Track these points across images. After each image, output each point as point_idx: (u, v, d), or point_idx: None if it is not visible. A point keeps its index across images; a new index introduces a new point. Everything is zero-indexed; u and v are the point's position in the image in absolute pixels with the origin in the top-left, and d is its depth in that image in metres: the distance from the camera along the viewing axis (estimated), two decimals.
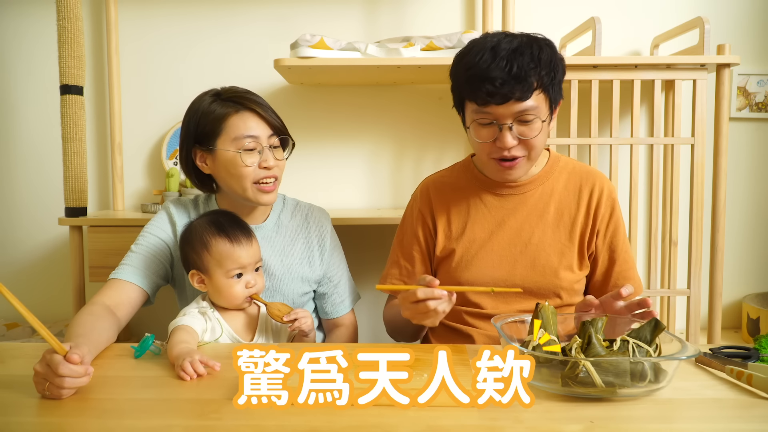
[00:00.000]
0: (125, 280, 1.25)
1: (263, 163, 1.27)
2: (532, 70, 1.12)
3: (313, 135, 2.17)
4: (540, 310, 1.03)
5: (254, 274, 1.22)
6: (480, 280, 1.27)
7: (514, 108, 1.14)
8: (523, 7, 2.09)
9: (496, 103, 1.13)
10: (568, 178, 1.31)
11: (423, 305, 1.07)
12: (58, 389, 0.88)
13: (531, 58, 1.13)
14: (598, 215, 1.27)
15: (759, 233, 2.20)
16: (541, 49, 1.15)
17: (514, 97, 1.12)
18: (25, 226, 2.24)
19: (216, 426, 0.80)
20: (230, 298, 1.19)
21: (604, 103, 1.95)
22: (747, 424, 0.81)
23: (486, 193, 1.31)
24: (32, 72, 2.19)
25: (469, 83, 1.16)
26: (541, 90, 1.16)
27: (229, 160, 1.26)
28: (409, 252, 1.36)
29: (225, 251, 1.18)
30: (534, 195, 1.29)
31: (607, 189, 1.29)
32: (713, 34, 1.98)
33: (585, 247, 1.28)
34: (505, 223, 1.28)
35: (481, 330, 1.28)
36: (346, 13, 2.14)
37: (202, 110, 1.29)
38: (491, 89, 1.12)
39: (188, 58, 2.17)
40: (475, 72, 1.14)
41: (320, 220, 1.44)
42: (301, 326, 1.20)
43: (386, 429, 0.79)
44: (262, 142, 1.27)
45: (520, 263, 1.26)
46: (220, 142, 1.27)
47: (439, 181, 1.38)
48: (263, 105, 1.30)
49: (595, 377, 0.86)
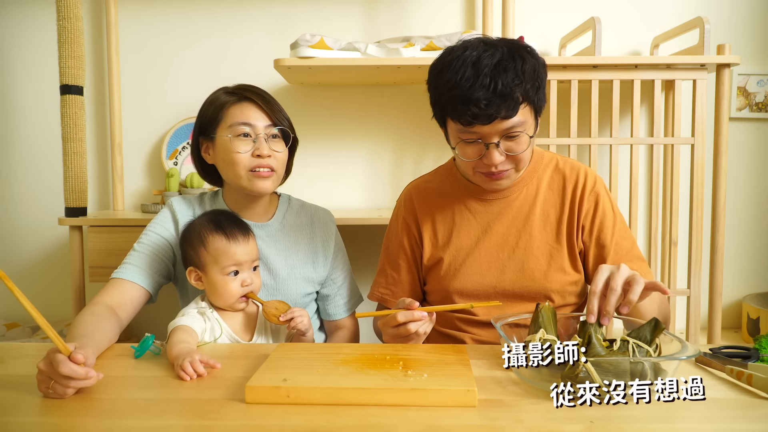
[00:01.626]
0: (127, 279, 1.25)
1: (256, 151, 1.28)
2: (517, 86, 1.08)
3: (313, 135, 2.17)
4: (540, 311, 1.03)
5: (251, 272, 1.22)
6: (469, 288, 1.26)
7: (501, 126, 1.10)
8: (523, 7, 2.09)
9: (482, 123, 1.09)
10: (551, 176, 1.28)
11: (404, 329, 1.07)
12: (61, 389, 0.88)
13: (515, 74, 1.08)
14: (581, 211, 1.24)
15: (759, 233, 2.20)
16: (525, 61, 1.10)
17: (500, 116, 1.08)
18: (25, 226, 2.24)
19: (216, 426, 0.80)
20: (225, 295, 1.19)
21: (604, 103, 1.96)
22: (747, 424, 0.81)
23: (470, 199, 1.29)
24: (32, 72, 2.19)
25: (452, 104, 1.11)
26: (527, 103, 1.11)
27: (224, 146, 1.28)
28: (395, 261, 1.35)
29: (221, 248, 1.19)
30: (519, 198, 1.27)
31: (589, 183, 1.25)
32: (713, 34, 1.98)
33: (575, 246, 1.24)
34: (492, 228, 1.26)
35: (474, 335, 1.27)
36: (346, 13, 2.14)
37: (208, 101, 1.33)
38: (476, 111, 1.07)
39: (188, 58, 2.17)
40: (457, 93, 1.09)
41: (325, 221, 1.44)
42: (297, 325, 1.20)
43: (386, 429, 0.78)
44: (257, 131, 1.28)
45: (508, 268, 1.24)
46: (219, 129, 1.29)
47: (422, 187, 1.35)
48: (266, 98, 1.31)
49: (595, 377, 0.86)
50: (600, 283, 0.97)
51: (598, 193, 1.25)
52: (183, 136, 2.15)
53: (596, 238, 1.24)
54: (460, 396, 0.85)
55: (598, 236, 1.24)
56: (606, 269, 0.98)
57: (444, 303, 1.29)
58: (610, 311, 0.96)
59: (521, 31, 2.06)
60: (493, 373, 0.98)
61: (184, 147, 2.16)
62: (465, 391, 0.85)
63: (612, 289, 0.95)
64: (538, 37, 2.11)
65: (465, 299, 1.26)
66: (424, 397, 0.85)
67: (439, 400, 0.85)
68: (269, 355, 1.00)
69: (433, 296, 1.33)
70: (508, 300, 1.25)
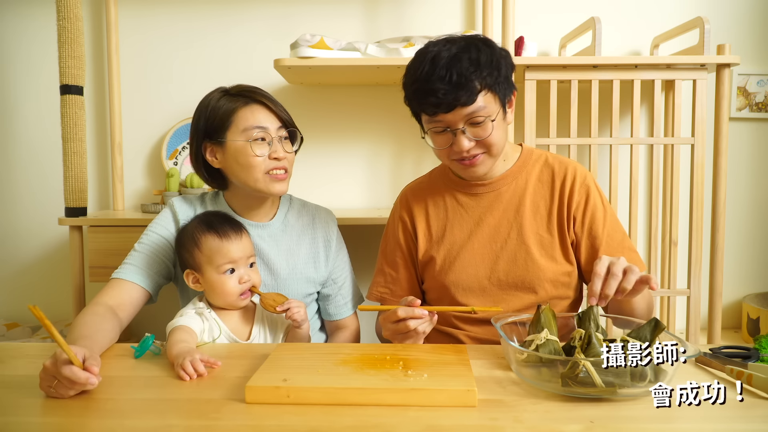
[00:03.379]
0: (128, 280, 1.25)
1: (273, 154, 1.28)
2: (473, 73, 1.14)
3: (313, 135, 2.17)
4: (541, 312, 1.03)
5: (247, 269, 1.23)
6: (464, 281, 1.28)
7: (463, 113, 1.16)
8: (523, 7, 2.09)
9: (444, 111, 1.16)
10: (541, 170, 1.31)
11: (403, 325, 1.09)
12: (64, 389, 0.89)
13: (470, 62, 1.14)
14: (572, 203, 1.27)
15: (759, 233, 2.20)
16: (480, 51, 1.16)
17: (459, 103, 1.14)
18: (25, 226, 2.24)
19: (216, 426, 0.80)
20: (224, 294, 1.20)
21: (604, 103, 1.96)
22: (747, 424, 0.81)
23: (461, 194, 1.33)
24: (32, 72, 2.19)
25: (416, 97, 1.18)
26: (488, 90, 1.17)
27: (239, 150, 1.27)
28: (392, 259, 1.37)
29: (214, 246, 1.19)
30: (508, 191, 1.30)
31: (580, 176, 1.28)
32: (713, 34, 1.98)
33: (566, 237, 1.27)
34: (483, 221, 1.30)
35: (470, 333, 1.29)
36: (346, 13, 2.14)
37: (211, 106, 1.31)
38: (435, 100, 1.15)
39: (188, 58, 2.17)
40: (418, 86, 1.17)
41: (327, 221, 1.44)
42: (293, 315, 1.20)
43: (386, 429, 0.79)
44: (271, 133, 1.28)
45: (501, 259, 1.27)
46: (230, 133, 1.28)
47: (417, 187, 1.40)
48: (272, 99, 1.32)
49: (595, 377, 0.86)
50: (603, 268, 1.01)
51: (588, 187, 1.28)
52: (183, 136, 2.15)
53: (588, 229, 1.27)
54: (460, 396, 0.85)
55: (590, 228, 1.27)
56: (607, 258, 1.03)
57: (441, 298, 1.31)
58: (609, 294, 0.99)
59: (521, 31, 2.06)
60: (493, 373, 0.99)
61: (184, 147, 2.15)
62: (465, 391, 0.85)
63: (613, 274, 0.99)
64: (538, 37, 2.11)
65: (461, 292, 1.28)
66: (424, 397, 0.85)
67: (439, 400, 0.85)
68: (269, 355, 1.00)
69: (431, 293, 1.35)
70: (503, 290, 1.27)
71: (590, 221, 1.26)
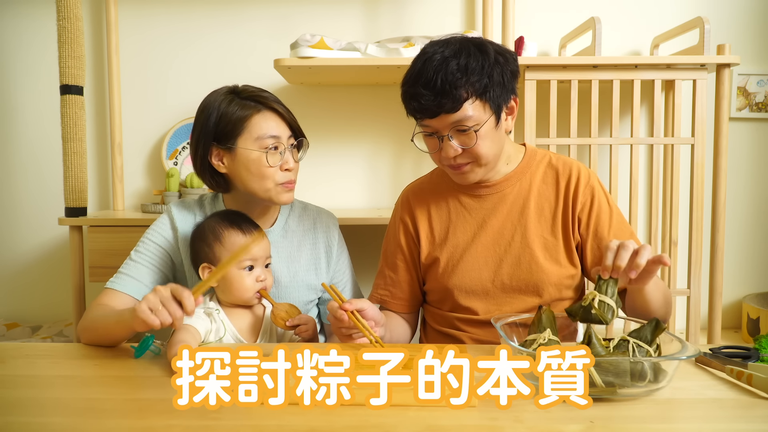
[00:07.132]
0: (122, 291, 1.23)
1: (285, 165, 1.26)
2: (459, 80, 1.10)
3: (313, 135, 2.15)
4: (542, 313, 1.03)
5: (264, 269, 1.23)
6: (467, 283, 1.26)
7: (448, 120, 1.13)
8: (523, 7, 2.09)
9: (428, 117, 1.14)
10: (545, 171, 1.29)
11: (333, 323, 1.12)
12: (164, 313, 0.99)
13: (457, 68, 1.10)
14: (576, 204, 1.25)
15: (759, 233, 2.20)
16: (470, 56, 1.12)
17: (443, 111, 1.12)
18: (25, 226, 2.24)
19: (216, 426, 0.80)
20: (241, 290, 1.19)
21: (604, 103, 1.96)
22: (747, 424, 0.81)
23: (464, 196, 1.30)
24: (32, 72, 2.19)
25: (404, 99, 1.17)
26: (476, 98, 1.12)
27: (251, 159, 1.24)
28: (393, 261, 1.36)
29: (238, 242, 1.20)
30: (512, 192, 1.28)
31: (584, 177, 1.26)
32: (713, 34, 1.99)
33: (571, 239, 1.25)
34: (487, 223, 1.28)
35: (472, 335, 1.28)
36: (346, 13, 2.14)
37: (221, 109, 1.25)
38: (418, 106, 1.13)
39: (188, 58, 2.17)
40: (406, 89, 1.16)
41: (328, 225, 1.42)
42: (302, 334, 1.20)
43: (386, 429, 0.79)
44: (283, 143, 1.26)
45: (505, 262, 1.25)
46: (241, 141, 1.25)
47: (418, 188, 1.38)
48: (283, 105, 1.29)
49: (595, 377, 0.86)
50: (615, 244, 0.99)
51: (593, 187, 1.26)
52: (183, 136, 2.15)
53: (594, 230, 1.25)
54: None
55: (595, 229, 1.25)
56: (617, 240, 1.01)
57: (444, 301, 1.31)
58: (620, 265, 0.97)
59: (521, 31, 2.06)
60: None
61: (184, 147, 2.15)
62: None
63: (624, 246, 0.98)
64: (538, 37, 2.11)
65: (463, 295, 1.27)
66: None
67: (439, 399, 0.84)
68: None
69: (433, 295, 1.34)
70: (506, 293, 1.26)
71: (595, 222, 1.25)
